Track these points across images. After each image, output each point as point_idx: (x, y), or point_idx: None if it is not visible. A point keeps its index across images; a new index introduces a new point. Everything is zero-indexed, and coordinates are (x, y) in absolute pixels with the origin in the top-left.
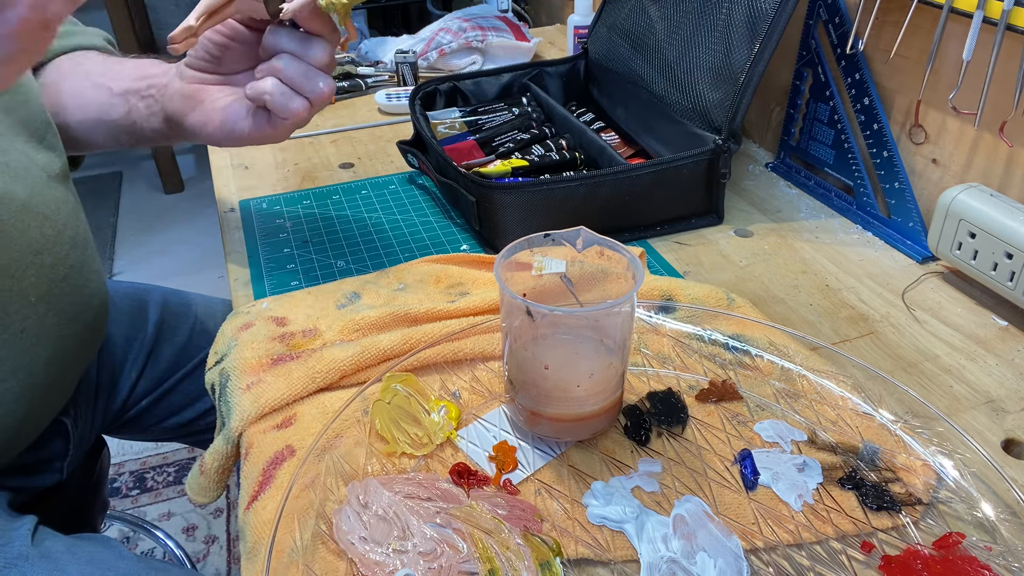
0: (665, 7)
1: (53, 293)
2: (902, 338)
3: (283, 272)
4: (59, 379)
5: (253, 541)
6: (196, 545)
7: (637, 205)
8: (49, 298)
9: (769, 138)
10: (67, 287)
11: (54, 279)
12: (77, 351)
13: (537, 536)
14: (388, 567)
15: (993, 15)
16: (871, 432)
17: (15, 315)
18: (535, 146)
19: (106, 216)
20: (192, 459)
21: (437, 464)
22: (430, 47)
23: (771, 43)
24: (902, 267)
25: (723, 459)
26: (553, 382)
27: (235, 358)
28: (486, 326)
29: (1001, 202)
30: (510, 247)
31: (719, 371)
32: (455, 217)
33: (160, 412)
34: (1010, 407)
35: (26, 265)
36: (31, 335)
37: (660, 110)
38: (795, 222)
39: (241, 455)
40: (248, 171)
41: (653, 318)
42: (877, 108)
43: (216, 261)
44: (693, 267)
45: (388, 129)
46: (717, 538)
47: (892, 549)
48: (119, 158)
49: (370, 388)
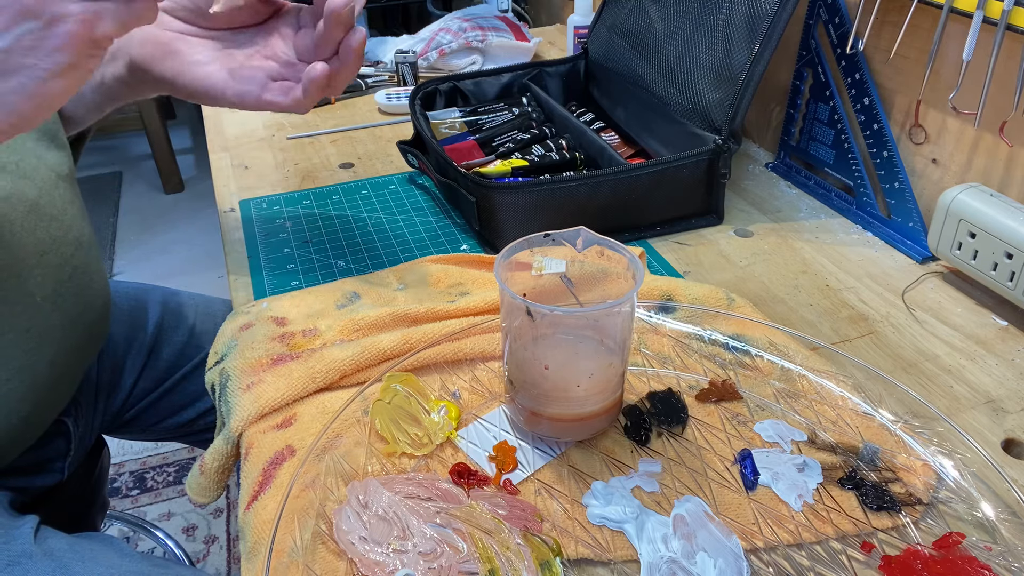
0: (665, 7)
1: (59, 293)
2: (902, 338)
3: (283, 272)
4: (62, 379)
5: (253, 541)
6: (196, 545)
7: (637, 205)
8: (54, 298)
9: (769, 138)
10: (72, 287)
11: (60, 279)
12: (80, 351)
13: (537, 536)
14: (388, 567)
15: (993, 15)
16: (871, 432)
17: (21, 315)
18: (535, 146)
19: (106, 216)
20: (192, 459)
21: (437, 464)
22: (430, 47)
23: (771, 43)
24: (902, 267)
25: (723, 459)
26: (553, 382)
27: (235, 358)
28: (486, 326)
29: (1001, 202)
30: (510, 247)
31: (719, 371)
32: (455, 217)
33: (160, 412)
34: (1010, 407)
35: (33, 265)
36: (36, 335)
37: (660, 110)
38: (795, 222)
39: (241, 455)
40: (248, 171)
41: (653, 318)
42: (877, 108)
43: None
44: (693, 267)
45: (388, 129)
46: (717, 538)
47: (892, 549)
48: (119, 158)
49: (370, 388)
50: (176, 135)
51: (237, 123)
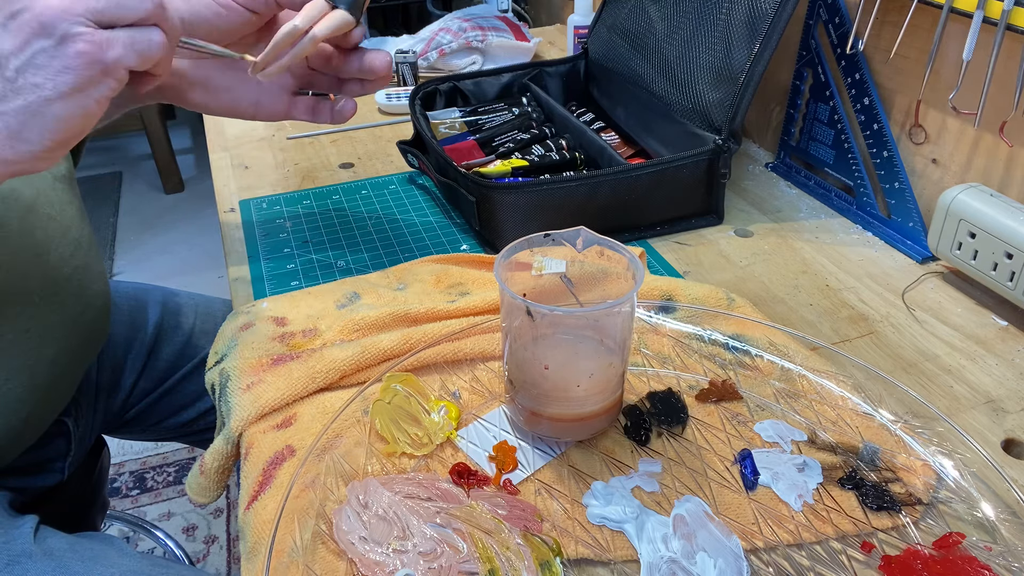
0: (665, 7)
1: (57, 293)
2: (902, 338)
3: (283, 272)
4: (62, 379)
5: (253, 541)
6: (196, 545)
7: (637, 205)
8: (54, 298)
9: (769, 138)
10: (71, 288)
11: (59, 279)
12: (80, 351)
13: (537, 536)
14: (388, 567)
15: (993, 15)
16: (871, 432)
17: (20, 315)
18: (535, 146)
19: (106, 216)
20: (192, 459)
21: (437, 464)
22: (430, 47)
23: (771, 43)
24: (902, 267)
25: (723, 459)
26: (553, 382)
27: (235, 358)
28: (486, 326)
29: (1001, 202)
30: (510, 247)
31: (719, 371)
32: (455, 217)
33: (160, 412)
34: (1010, 407)
35: (31, 265)
36: (35, 335)
37: (660, 110)
38: (795, 222)
39: (241, 455)
40: (248, 171)
41: (653, 318)
42: (877, 108)
43: (216, 261)
44: (693, 267)
45: (388, 129)
46: (717, 538)
47: (892, 549)
48: (119, 158)
49: (370, 388)
50: (176, 135)
51: (237, 123)
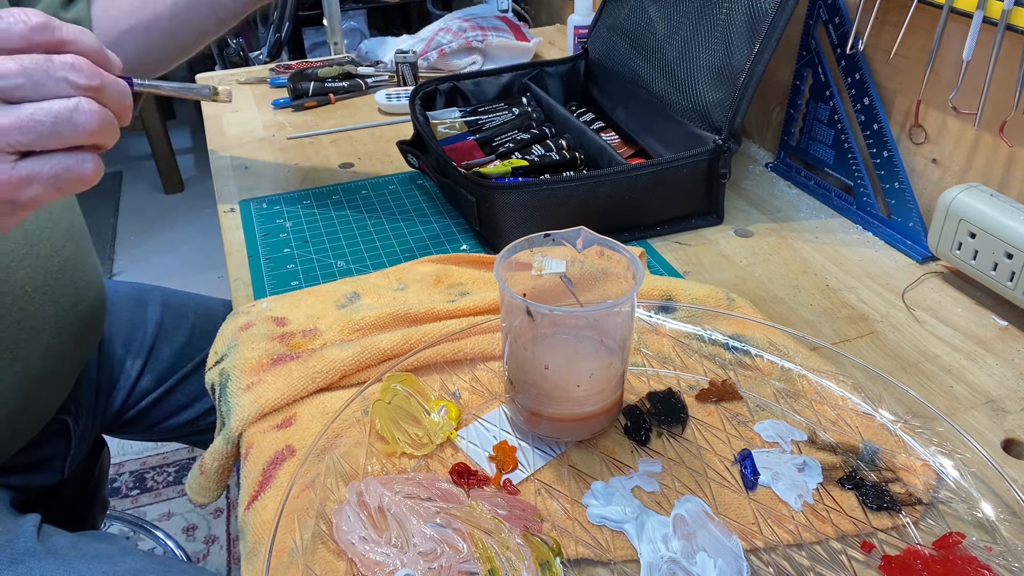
0: (665, 7)
1: (49, 284)
2: (902, 338)
3: (283, 272)
4: (56, 372)
5: (253, 541)
6: (196, 545)
7: (637, 205)
8: (45, 289)
9: (769, 138)
10: (63, 278)
11: (50, 270)
12: (74, 344)
13: (537, 536)
14: (388, 567)
15: (993, 15)
16: (871, 432)
17: (11, 306)
18: (535, 146)
19: (106, 216)
20: (192, 459)
21: (437, 464)
22: (430, 47)
23: (771, 43)
24: (902, 267)
25: (723, 459)
26: (553, 382)
27: (235, 358)
28: (486, 326)
29: (1001, 202)
30: (510, 247)
31: (719, 371)
32: (455, 217)
33: (160, 412)
34: (1010, 407)
35: (22, 256)
36: (27, 326)
37: (660, 110)
38: (795, 222)
39: (241, 455)
40: (248, 171)
41: (653, 318)
42: (877, 108)
43: (216, 261)
44: (693, 267)
45: (388, 129)
46: (717, 538)
47: (892, 549)
48: (119, 158)
49: (370, 388)
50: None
51: (237, 123)
